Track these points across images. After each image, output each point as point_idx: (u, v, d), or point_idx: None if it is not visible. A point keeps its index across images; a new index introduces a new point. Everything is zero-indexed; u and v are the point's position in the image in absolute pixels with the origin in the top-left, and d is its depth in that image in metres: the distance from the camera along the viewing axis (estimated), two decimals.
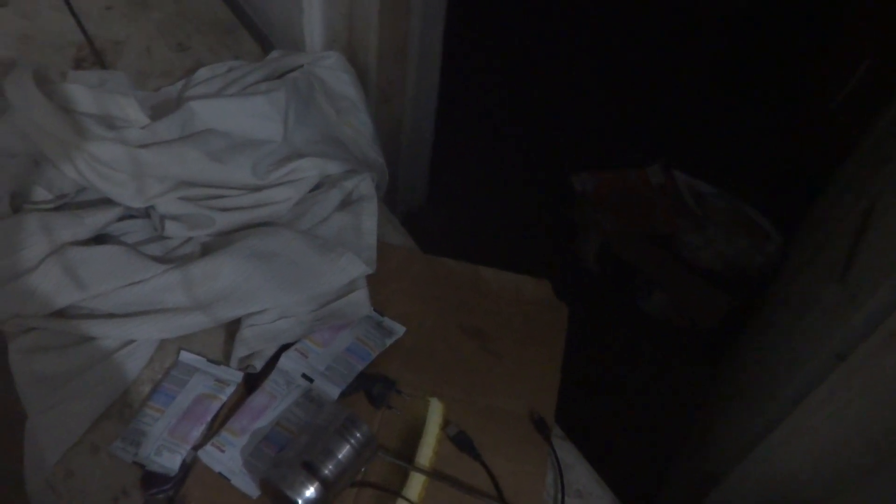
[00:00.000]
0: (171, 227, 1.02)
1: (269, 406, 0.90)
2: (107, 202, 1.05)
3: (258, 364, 0.93)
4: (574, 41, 2.30)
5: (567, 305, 1.07)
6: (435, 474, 0.87)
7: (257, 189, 1.06)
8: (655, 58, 2.24)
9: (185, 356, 0.95)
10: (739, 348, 1.51)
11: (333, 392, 0.92)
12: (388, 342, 0.99)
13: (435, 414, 0.92)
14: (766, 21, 2.12)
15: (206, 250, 1.01)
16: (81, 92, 0.99)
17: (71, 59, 1.34)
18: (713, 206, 1.80)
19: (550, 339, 1.03)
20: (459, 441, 0.91)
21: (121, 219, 1.05)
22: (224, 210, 1.03)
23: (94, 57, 1.35)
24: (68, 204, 1.05)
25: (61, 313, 0.95)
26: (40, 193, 1.05)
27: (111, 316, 0.95)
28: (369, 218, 1.08)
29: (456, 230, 1.82)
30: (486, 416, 0.94)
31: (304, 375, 0.93)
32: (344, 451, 0.82)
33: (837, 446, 0.75)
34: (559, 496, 0.88)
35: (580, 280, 1.78)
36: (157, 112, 1.13)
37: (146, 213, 1.06)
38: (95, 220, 1.00)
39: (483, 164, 1.99)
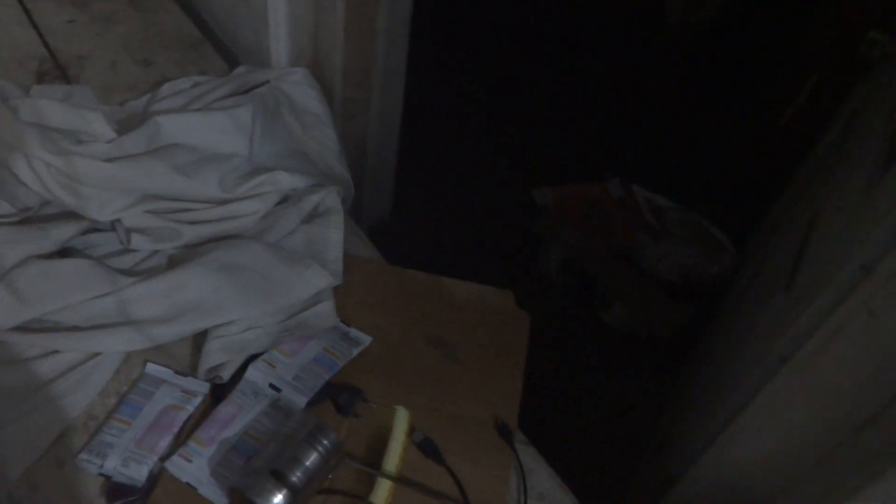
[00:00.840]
0: (138, 240, 1.03)
1: (237, 416, 0.91)
2: (72, 216, 1.05)
3: (225, 375, 0.94)
4: (535, 58, 2.36)
5: (529, 315, 1.10)
6: (401, 480, 0.89)
7: (224, 202, 1.08)
8: (615, 75, 2.31)
9: (152, 368, 0.96)
10: (695, 356, 1.56)
11: (301, 401, 0.93)
12: (355, 352, 1.01)
13: (401, 421, 0.94)
14: (721, 39, 2.21)
15: (173, 263, 1.01)
16: (47, 106, 1.00)
17: (34, 74, 1.34)
18: (670, 219, 1.86)
19: (513, 347, 1.06)
20: (425, 447, 0.93)
21: (86, 232, 1.05)
22: (191, 223, 1.05)
23: (58, 71, 1.35)
24: (32, 218, 1.05)
25: (25, 327, 0.95)
26: (3, 207, 1.04)
27: (76, 329, 0.95)
28: (335, 230, 1.10)
29: (420, 243, 1.85)
30: (451, 422, 0.97)
31: (271, 385, 0.94)
32: (311, 459, 0.83)
33: (782, 445, 0.79)
34: (522, 499, 0.91)
35: (543, 292, 1.82)
36: (123, 126, 1.13)
37: (111, 226, 1.06)
38: (60, 234, 1.00)
39: (447, 179, 2.03)
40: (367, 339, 1.03)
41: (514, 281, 1.36)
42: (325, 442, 0.85)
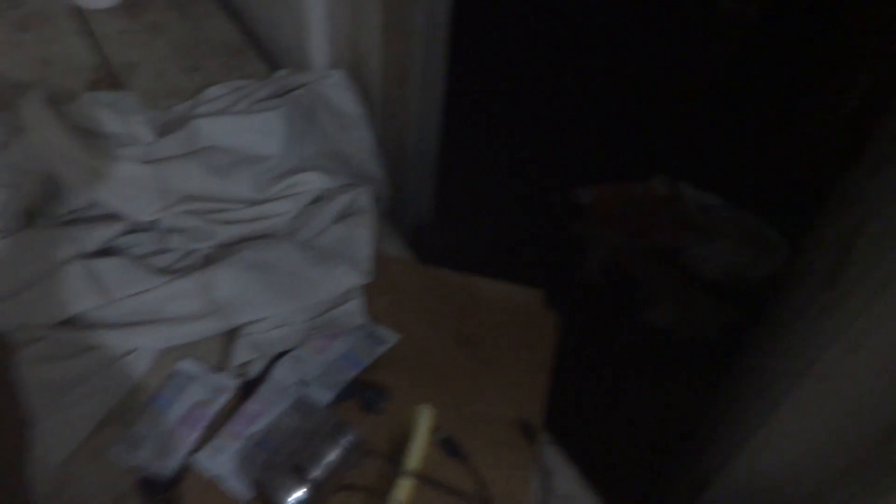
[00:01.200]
0: (176, 240, 1.06)
1: (264, 412, 0.93)
2: (114, 216, 1.10)
3: (254, 371, 0.96)
4: (577, 55, 2.33)
5: (565, 316, 1.08)
6: (423, 478, 0.89)
7: (257, 202, 1.10)
8: (659, 69, 2.26)
9: (184, 364, 0.99)
10: (741, 359, 1.51)
11: (326, 398, 0.94)
12: (381, 350, 1.01)
13: (424, 419, 0.94)
14: (775, 30, 2.13)
15: (208, 262, 1.04)
16: (93, 111, 1.04)
17: (87, 82, 1.40)
18: (719, 218, 1.80)
19: (540, 347, 1.05)
20: (448, 446, 0.93)
21: (127, 232, 1.09)
22: (225, 223, 1.08)
23: (110, 79, 1.41)
24: (78, 219, 1.10)
25: (68, 322, 0.99)
26: (53, 209, 1.10)
27: (115, 325, 0.99)
28: (366, 229, 1.11)
29: (463, 245, 1.84)
30: (475, 421, 0.96)
31: (298, 382, 0.96)
32: (332, 455, 0.85)
33: (810, 451, 0.76)
34: (545, 500, 0.90)
35: (584, 293, 1.79)
36: (167, 130, 1.18)
37: (151, 226, 1.10)
38: (103, 234, 1.04)
39: (490, 179, 2.02)
40: (394, 338, 1.03)
41: (554, 282, 1.34)
42: (347, 438, 0.86)
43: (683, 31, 2.27)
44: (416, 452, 0.91)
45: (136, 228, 1.10)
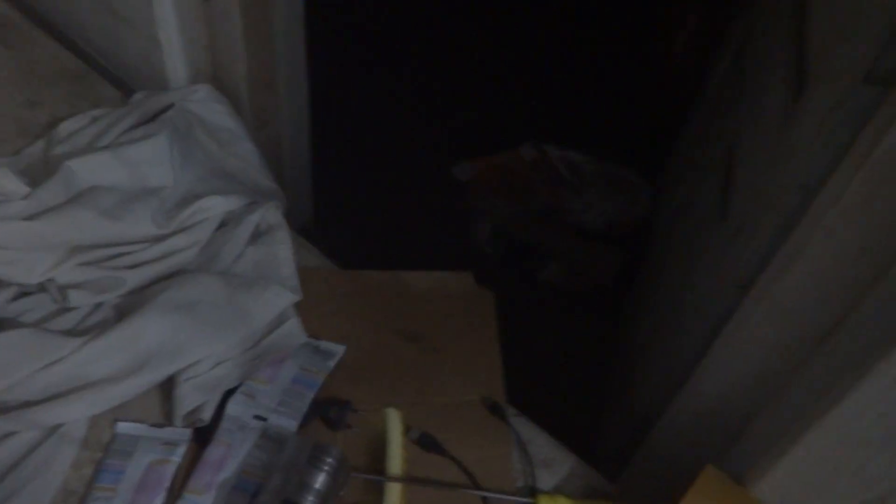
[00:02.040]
0: (76, 296, 0.96)
1: (228, 456, 0.88)
2: None
3: (206, 416, 0.90)
4: (426, 36, 2.36)
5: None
6: (409, 480, 0.89)
7: (160, 239, 1.02)
8: (503, 41, 2.34)
9: (123, 426, 0.91)
10: (637, 297, 1.64)
11: (291, 426, 0.91)
12: (332, 364, 0.99)
13: (394, 423, 0.93)
14: None
15: (123, 312, 0.96)
16: None
17: None
18: (586, 172, 1.92)
19: (483, 326, 1.08)
20: (424, 442, 0.93)
21: (13, 298, 0.97)
22: (131, 267, 0.99)
23: None
24: None
25: None
26: None
27: (29, 404, 0.88)
28: (283, 246, 1.07)
29: (350, 242, 1.82)
30: (443, 412, 0.97)
31: (256, 416, 0.91)
32: (320, 481, 0.82)
33: (755, 366, 0.85)
34: (528, 469, 0.93)
35: (479, 265, 1.84)
36: (24, 177, 1.05)
37: (41, 286, 0.99)
38: None
39: (365, 172, 2.00)
40: (340, 349, 1.01)
41: (449, 259, 1.37)
42: (329, 460, 0.84)
43: (514, 2, 2.37)
44: (397, 456, 0.90)
45: (24, 292, 0.98)
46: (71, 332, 0.94)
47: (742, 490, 0.80)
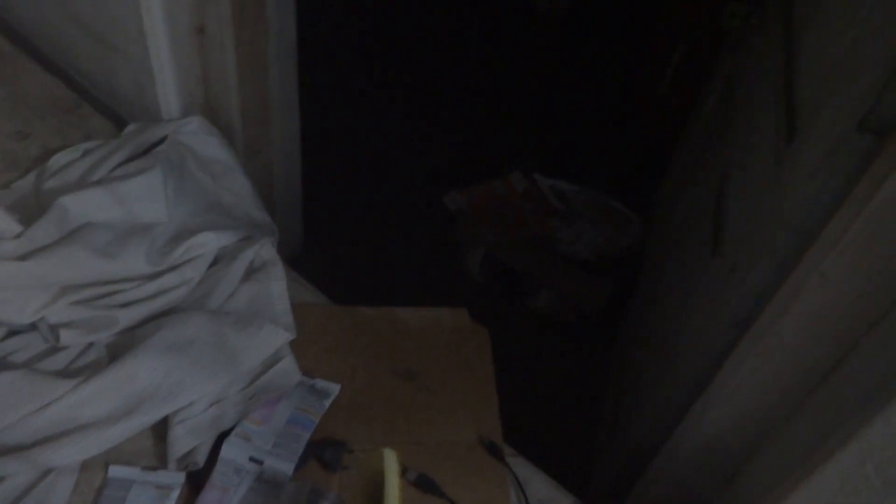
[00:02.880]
0: (67, 336, 0.94)
1: (224, 500, 0.86)
2: None
3: (200, 459, 0.89)
4: (422, 62, 2.37)
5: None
6: None
7: (154, 277, 1.01)
8: (498, 70, 2.37)
9: (116, 470, 0.89)
10: (627, 329, 1.64)
11: (287, 468, 0.90)
12: (327, 404, 0.98)
13: (391, 463, 0.92)
14: (586, 20, 2.31)
15: (115, 352, 0.94)
16: None
17: None
18: (575, 202, 1.93)
19: (479, 363, 1.07)
20: (422, 483, 0.92)
21: (3, 337, 0.95)
22: (123, 306, 0.97)
23: None
24: None
25: None
26: None
27: (20, 447, 0.86)
28: (278, 283, 1.06)
29: (340, 270, 1.81)
30: (439, 452, 0.96)
31: (251, 459, 0.90)
32: None
33: (755, 403, 0.86)
34: None
35: (469, 294, 1.84)
36: (14, 211, 1.04)
37: (31, 326, 0.97)
38: None
39: (355, 199, 2.00)
40: (335, 388, 1.00)
41: (440, 291, 1.36)
42: None
43: (508, 34, 2.40)
44: (394, 498, 0.89)
45: (13, 331, 0.96)
46: (62, 373, 0.92)
47: None
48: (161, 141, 1.22)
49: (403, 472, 0.93)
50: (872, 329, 0.71)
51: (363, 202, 2.00)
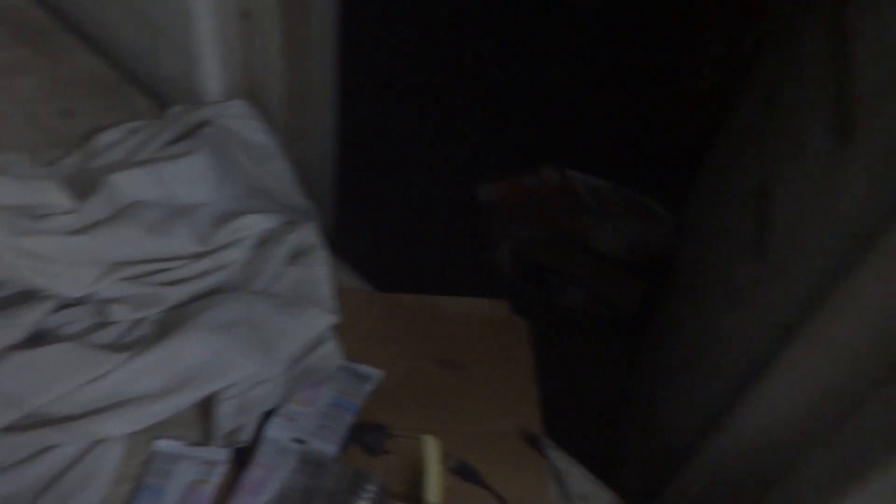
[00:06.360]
0: (117, 311, 0.96)
1: (268, 478, 0.87)
2: (33, 295, 0.96)
3: (246, 437, 0.90)
4: (449, 58, 2.37)
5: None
6: None
7: (200, 256, 1.02)
8: (527, 66, 2.36)
9: (163, 444, 0.90)
10: (660, 327, 1.64)
11: (330, 450, 0.90)
12: (369, 389, 0.99)
13: (432, 450, 0.93)
14: (620, 14, 2.30)
15: (164, 329, 0.95)
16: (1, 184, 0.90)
17: None
18: (608, 199, 1.92)
19: (518, 354, 1.08)
20: (462, 472, 0.93)
21: (53, 311, 0.97)
22: (172, 284, 0.99)
23: None
24: None
25: (12, 425, 0.86)
26: None
27: (70, 418, 0.88)
28: (322, 267, 1.07)
29: (369, 258, 1.82)
30: (478, 442, 0.97)
31: (295, 439, 0.91)
32: None
33: (804, 408, 0.85)
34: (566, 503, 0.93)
35: (497, 287, 1.84)
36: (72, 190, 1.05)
37: (80, 299, 0.98)
38: (31, 318, 0.92)
39: (387, 187, 2.01)
40: (377, 373, 1.01)
41: (468, 280, 1.36)
42: (371, 488, 0.83)
43: (541, 27, 2.39)
44: (434, 485, 0.90)
45: (63, 304, 0.97)
46: (110, 347, 0.93)
47: None
48: (204, 123, 1.23)
49: (444, 459, 0.93)
50: None
51: (394, 191, 2.00)
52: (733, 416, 0.95)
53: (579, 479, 0.96)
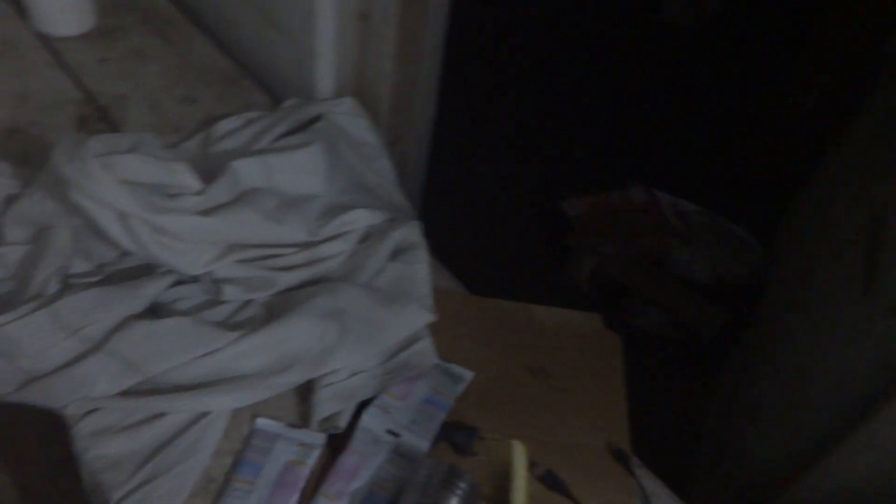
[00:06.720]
0: (230, 291, 1.00)
1: (362, 466, 0.90)
2: (152, 269, 1.02)
3: (342, 424, 0.93)
4: (544, 70, 2.38)
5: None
6: None
7: (310, 245, 1.06)
8: (621, 81, 2.35)
9: (263, 423, 0.94)
10: (742, 359, 1.60)
11: (422, 445, 0.92)
12: (460, 389, 1.00)
13: (520, 456, 0.94)
14: (724, 38, 2.26)
15: (272, 312, 0.99)
16: (136, 162, 0.96)
17: (74, 118, 1.29)
18: (695, 222, 1.90)
19: (609, 369, 1.07)
20: (548, 481, 0.93)
21: (170, 285, 1.02)
22: (283, 270, 1.03)
23: (99, 114, 1.31)
24: (112, 275, 1.01)
25: (127, 390, 0.92)
26: (80, 265, 1.01)
27: (180, 389, 0.92)
28: (422, 266, 1.10)
29: (451, 263, 1.84)
30: (564, 452, 0.97)
31: (389, 431, 0.93)
32: None
33: None
34: None
35: (574, 303, 1.83)
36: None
37: (194, 277, 1.04)
38: (150, 291, 0.97)
39: (473, 196, 2.03)
40: (469, 374, 1.02)
41: (544, 292, 1.35)
42: (463, 485, 0.85)
43: (631, 42, 2.38)
44: (521, 490, 0.91)
45: (179, 281, 1.03)
46: (221, 325, 0.98)
47: None
48: (317, 118, 1.28)
49: (531, 466, 0.94)
50: None
51: (479, 198, 2.02)
52: (833, 458, 0.93)
53: (666, 501, 0.95)
